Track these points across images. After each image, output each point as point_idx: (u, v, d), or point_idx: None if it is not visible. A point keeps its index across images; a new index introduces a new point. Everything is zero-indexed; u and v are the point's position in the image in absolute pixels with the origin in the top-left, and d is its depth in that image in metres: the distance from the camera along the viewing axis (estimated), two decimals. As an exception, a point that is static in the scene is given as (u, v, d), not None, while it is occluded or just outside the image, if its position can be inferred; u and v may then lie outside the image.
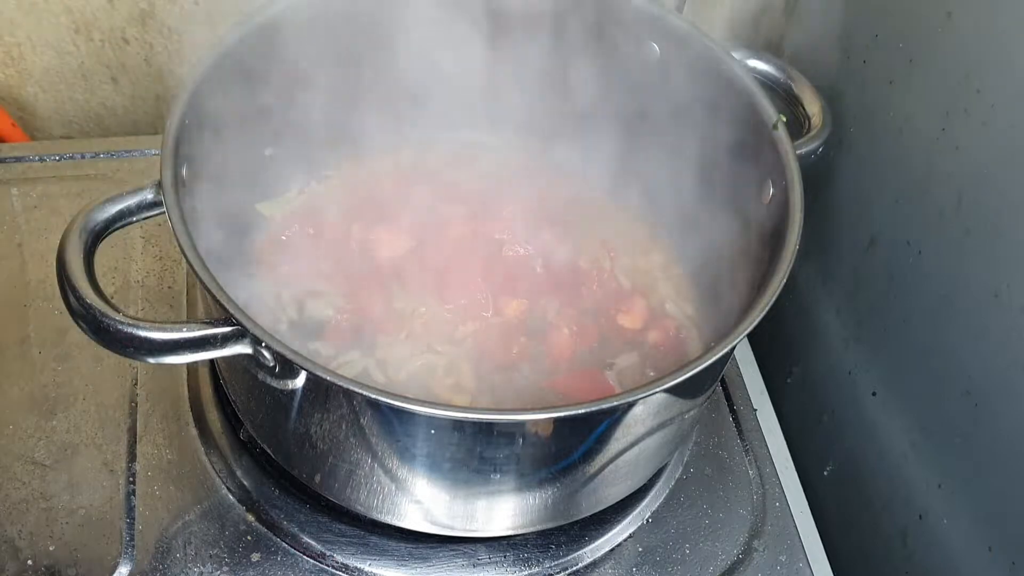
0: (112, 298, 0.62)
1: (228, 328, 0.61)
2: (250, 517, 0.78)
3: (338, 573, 0.76)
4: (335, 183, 0.91)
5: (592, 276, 0.87)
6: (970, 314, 0.81)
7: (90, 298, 0.61)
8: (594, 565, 0.79)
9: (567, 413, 0.62)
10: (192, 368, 0.86)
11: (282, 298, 0.81)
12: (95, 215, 0.65)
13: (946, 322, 0.85)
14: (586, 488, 0.73)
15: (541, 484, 0.71)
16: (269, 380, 0.64)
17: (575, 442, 0.67)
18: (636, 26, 0.86)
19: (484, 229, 0.88)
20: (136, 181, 0.82)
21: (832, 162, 0.98)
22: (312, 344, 0.79)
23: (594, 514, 0.78)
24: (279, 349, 0.60)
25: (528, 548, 0.79)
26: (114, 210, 0.66)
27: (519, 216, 0.89)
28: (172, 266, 0.92)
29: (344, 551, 0.77)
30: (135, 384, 0.84)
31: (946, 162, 0.83)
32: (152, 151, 1.00)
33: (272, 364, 0.62)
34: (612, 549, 0.80)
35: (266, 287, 0.82)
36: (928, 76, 0.85)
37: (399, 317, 0.82)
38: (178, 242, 0.63)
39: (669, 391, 0.64)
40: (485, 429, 0.64)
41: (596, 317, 0.84)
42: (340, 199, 0.90)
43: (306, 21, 0.81)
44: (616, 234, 0.91)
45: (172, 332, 0.61)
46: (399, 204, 0.89)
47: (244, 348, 0.62)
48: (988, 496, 0.81)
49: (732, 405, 0.91)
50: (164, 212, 0.65)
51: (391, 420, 0.64)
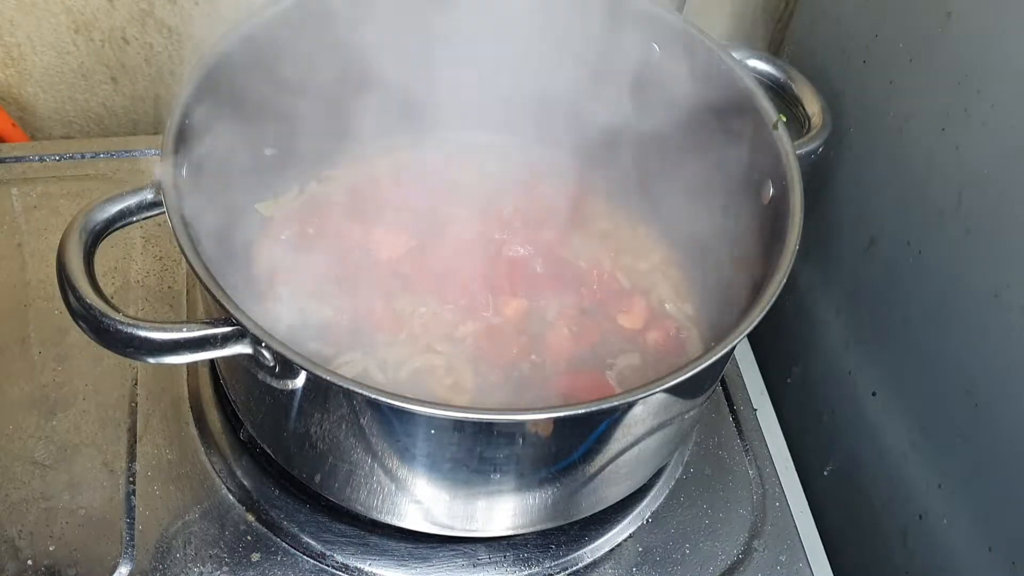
0: (112, 298, 0.62)
1: (228, 328, 0.61)
2: (250, 517, 0.78)
3: (338, 573, 0.76)
4: (335, 183, 0.91)
5: (592, 276, 0.87)
6: (970, 314, 0.81)
7: (90, 298, 0.61)
8: (594, 565, 0.79)
9: (567, 413, 0.62)
10: (192, 368, 0.86)
11: (282, 298, 0.81)
12: (95, 215, 0.65)
13: (946, 322, 0.85)
14: (586, 488, 0.73)
15: (541, 484, 0.71)
16: (269, 380, 0.64)
17: (575, 442, 0.67)
18: (636, 26, 0.86)
19: (484, 229, 0.88)
20: (136, 181, 0.83)
21: (832, 162, 0.98)
22: (312, 344, 0.79)
23: (594, 514, 0.78)
24: (279, 349, 0.60)
25: (528, 548, 0.79)
26: (114, 210, 0.66)
27: (519, 216, 0.89)
28: (172, 266, 0.92)
29: (344, 551, 0.77)
30: (135, 384, 0.84)
31: (946, 162, 0.83)
32: (152, 151, 1.00)
33: (272, 364, 0.62)
34: (612, 549, 0.80)
35: (266, 287, 0.82)
36: (928, 76, 0.85)
37: (399, 317, 0.82)
38: (178, 242, 0.63)
39: (669, 391, 0.64)
40: (485, 429, 0.64)
41: (596, 317, 0.84)
42: (340, 199, 0.90)
43: (306, 21, 0.81)
44: (616, 234, 0.91)
45: (172, 332, 0.61)
46: (399, 204, 0.89)
47: (244, 348, 0.62)
48: (988, 496, 0.81)
49: (732, 405, 0.91)
50: (164, 212, 0.65)
51: (391, 420, 0.64)
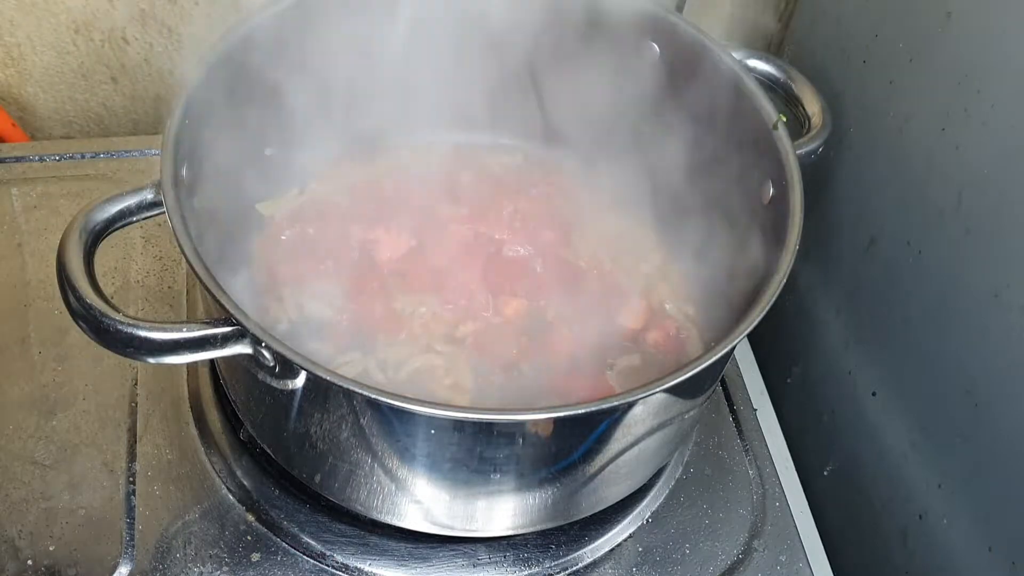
0: (112, 298, 0.62)
1: (228, 328, 0.61)
2: (250, 517, 0.78)
3: (338, 573, 0.76)
4: (335, 183, 0.91)
5: (592, 276, 0.87)
6: (970, 314, 0.81)
7: (90, 298, 0.61)
8: (594, 565, 0.79)
9: (567, 413, 0.62)
10: (192, 368, 0.86)
11: (282, 298, 0.81)
12: (95, 215, 0.65)
13: (946, 322, 0.85)
14: (586, 488, 0.73)
15: (541, 484, 0.71)
16: (269, 380, 0.64)
17: (575, 442, 0.67)
18: (636, 26, 0.85)
19: (484, 229, 0.88)
20: (136, 181, 0.82)
21: (832, 162, 0.98)
22: (312, 344, 0.79)
23: (594, 514, 0.78)
24: (279, 349, 0.60)
25: (528, 548, 0.79)
26: (114, 210, 0.66)
27: (519, 216, 0.89)
28: (172, 266, 0.92)
29: (344, 551, 0.77)
30: (135, 384, 0.84)
31: (946, 162, 0.83)
32: (152, 151, 1.00)
33: (272, 364, 0.62)
34: (612, 549, 0.80)
35: (266, 287, 0.82)
36: (928, 76, 0.85)
37: (399, 317, 0.82)
38: (178, 242, 0.63)
39: (669, 391, 0.64)
40: (485, 429, 0.64)
41: (596, 317, 0.84)
42: (340, 199, 0.90)
43: (306, 21, 0.81)
44: (616, 234, 0.91)
45: (172, 332, 0.61)
46: (399, 204, 0.89)
47: (244, 348, 0.62)
48: (988, 496, 0.81)
49: (732, 405, 0.91)
50: (164, 212, 0.65)
51: (391, 420, 0.64)
